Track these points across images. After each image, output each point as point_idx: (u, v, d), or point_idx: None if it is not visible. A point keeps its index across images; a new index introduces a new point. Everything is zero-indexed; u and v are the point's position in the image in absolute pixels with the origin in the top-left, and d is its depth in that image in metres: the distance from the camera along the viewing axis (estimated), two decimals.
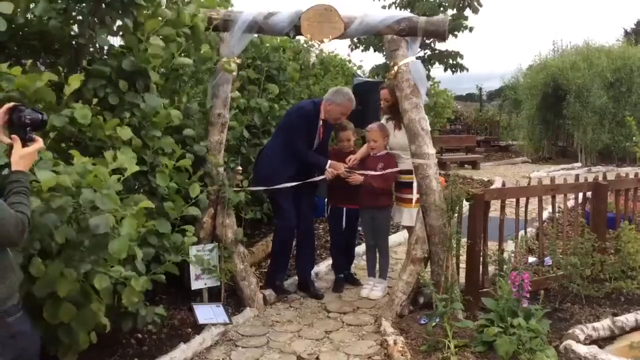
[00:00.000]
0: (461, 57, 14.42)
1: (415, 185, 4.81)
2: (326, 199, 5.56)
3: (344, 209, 5.28)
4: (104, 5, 3.65)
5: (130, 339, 3.93)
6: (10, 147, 2.29)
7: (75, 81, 3.25)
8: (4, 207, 2.06)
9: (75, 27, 3.77)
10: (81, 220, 2.87)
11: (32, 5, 3.63)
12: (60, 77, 3.42)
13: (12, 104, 2.33)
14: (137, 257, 3.05)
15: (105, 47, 3.89)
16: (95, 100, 3.68)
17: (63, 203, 2.76)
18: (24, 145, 2.28)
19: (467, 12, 13.92)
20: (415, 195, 4.82)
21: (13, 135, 2.27)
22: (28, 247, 2.73)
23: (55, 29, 3.60)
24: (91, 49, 3.90)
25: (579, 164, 16.10)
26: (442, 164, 13.36)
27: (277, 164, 5.04)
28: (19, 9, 3.56)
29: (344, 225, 5.31)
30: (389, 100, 5.02)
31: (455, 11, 13.70)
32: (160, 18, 4.03)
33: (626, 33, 29.55)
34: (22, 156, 2.26)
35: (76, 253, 2.89)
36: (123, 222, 2.89)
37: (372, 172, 4.96)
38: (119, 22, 3.85)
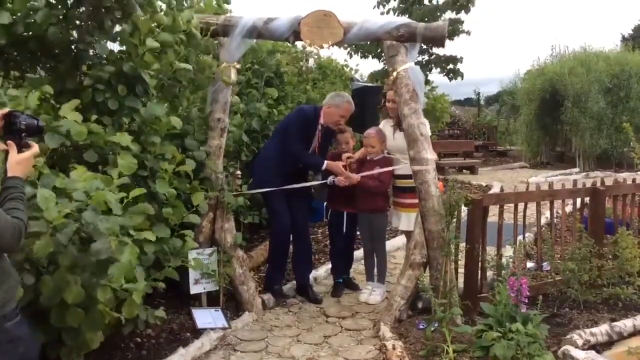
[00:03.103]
0: (457, 61, 14.46)
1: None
2: (325, 203, 5.57)
3: (345, 213, 5.29)
4: (103, 10, 3.66)
5: (129, 343, 3.93)
6: (6, 153, 2.28)
7: (71, 107, 3.27)
8: (1, 213, 2.05)
9: (74, 33, 3.78)
10: (84, 241, 2.88)
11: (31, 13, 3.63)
12: (56, 84, 3.43)
13: (6, 109, 2.32)
14: (138, 280, 3.05)
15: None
16: (94, 106, 3.69)
17: (68, 231, 2.77)
18: (19, 151, 2.27)
19: (462, 14, 14.02)
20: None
21: (9, 141, 2.26)
22: (36, 263, 2.75)
23: (54, 35, 3.60)
24: (91, 53, 3.90)
25: (577, 169, 16.14)
26: (440, 169, 13.39)
27: (272, 165, 5.07)
28: (17, 16, 3.56)
29: (344, 230, 5.33)
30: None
31: (452, 14, 13.77)
32: (156, 24, 4.04)
33: (624, 39, 29.66)
34: (18, 162, 2.25)
35: (79, 263, 2.90)
36: (124, 249, 2.90)
37: (367, 173, 4.97)
38: (117, 28, 3.86)
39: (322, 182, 5.18)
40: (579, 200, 5.43)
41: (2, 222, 2.04)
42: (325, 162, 5.10)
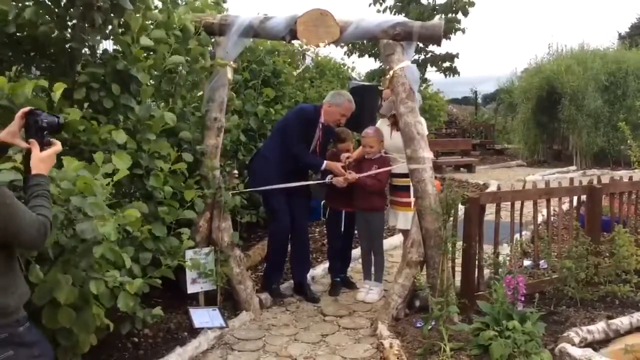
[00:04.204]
0: (455, 58, 14.45)
1: (412, 188, 4.83)
2: (323, 202, 5.57)
3: (343, 212, 5.29)
4: (96, 8, 3.64)
5: (126, 342, 3.93)
6: (28, 151, 2.29)
7: (59, 88, 3.24)
8: (26, 211, 2.05)
9: (68, 33, 3.76)
10: (72, 226, 2.89)
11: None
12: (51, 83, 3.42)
13: (27, 108, 2.33)
14: (125, 263, 3.04)
15: (99, 51, 3.89)
16: (89, 104, 3.68)
17: (54, 213, 2.77)
18: (42, 149, 2.28)
19: (459, 15, 14.03)
20: (413, 199, 4.86)
21: (31, 140, 2.27)
22: (25, 254, 2.73)
23: (44, 34, 3.59)
24: (85, 52, 3.89)
25: (574, 167, 16.16)
26: (437, 168, 13.41)
27: (272, 164, 5.06)
28: (10, 17, 3.55)
29: (342, 229, 5.33)
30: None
31: (444, 15, 13.78)
32: (150, 21, 4.03)
33: (620, 37, 29.70)
34: (42, 159, 2.26)
35: (71, 258, 2.90)
36: (105, 225, 2.89)
37: (367, 173, 4.98)
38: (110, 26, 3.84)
39: (321, 181, 5.19)
40: (575, 199, 5.44)
41: (28, 219, 2.03)
42: (325, 162, 5.10)
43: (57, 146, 2.34)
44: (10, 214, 1.99)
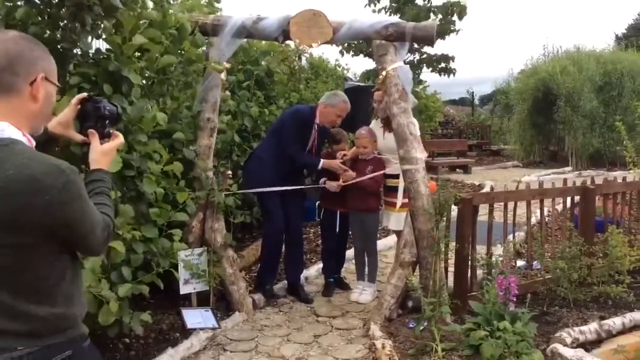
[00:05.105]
0: (449, 60, 14.43)
1: (400, 189, 4.84)
2: (317, 203, 5.57)
3: (338, 212, 5.29)
4: (86, 8, 3.62)
5: (117, 343, 3.92)
6: (85, 143, 1.99)
7: None
8: (93, 208, 1.70)
9: (59, 33, 3.74)
10: None
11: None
12: None
13: (84, 94, 2.02)
14: (103, 289, 3.02)
15: (91, 51, 3.87)
16: None
17: None
18: (101, 141, 1.95)
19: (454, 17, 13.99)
20: (399, 200, 4.85)
21: (91, 130, 1.95)
22: None
23: (35, 35, 3.57)
24: (77, 52, 3.87)
25: (569, 168, 16.18)
26: (433, 168, 13.40)
27: (268, 166, 5.06)
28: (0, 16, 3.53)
29: (337, 229, 5.32)
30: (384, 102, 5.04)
31: (441, 17, 13.75)
32: (145, 20, 4.02)
33: (617, 38, 29.78)
34: (104, 153, 1.93)
35: None
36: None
37: (365, 177, 4.98)
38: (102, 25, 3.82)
39: (315, 186, 5.20)
40: (569, 199, 5.44)
41: (98, 220, 1.69)
42: (322, 161, 5.10)
43: (120, 138, 2.01)
44: (85, 211, 1.64)
